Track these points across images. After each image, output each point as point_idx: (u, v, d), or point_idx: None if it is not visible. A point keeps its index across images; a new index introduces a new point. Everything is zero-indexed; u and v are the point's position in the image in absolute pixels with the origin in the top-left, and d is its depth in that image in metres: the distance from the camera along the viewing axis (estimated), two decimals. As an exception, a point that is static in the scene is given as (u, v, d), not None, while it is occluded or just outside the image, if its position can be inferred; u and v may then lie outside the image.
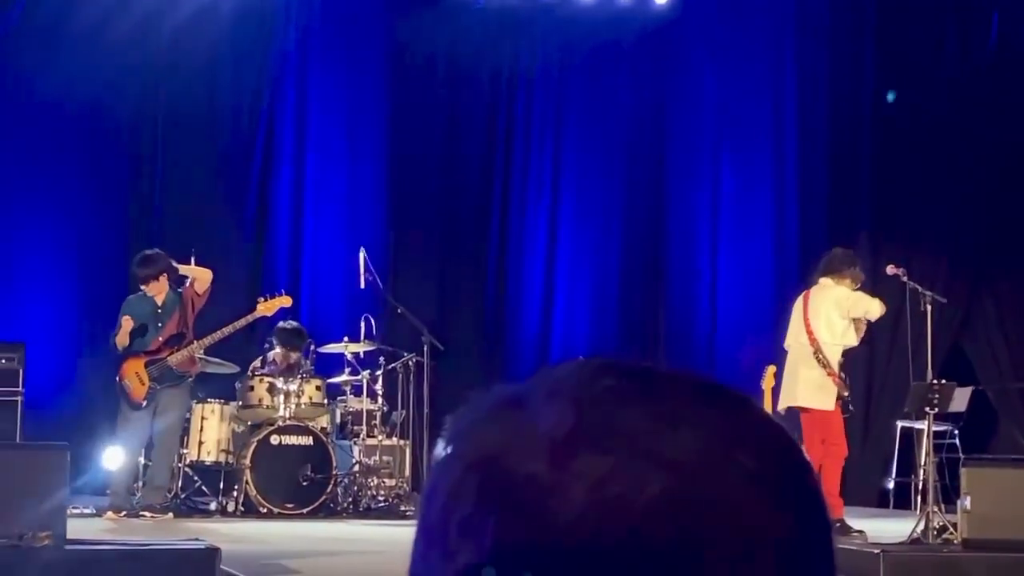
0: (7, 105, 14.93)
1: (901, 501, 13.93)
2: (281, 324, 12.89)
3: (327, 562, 8.93)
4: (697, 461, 0.80)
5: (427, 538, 0.83)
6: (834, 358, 11.21)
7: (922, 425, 10.82)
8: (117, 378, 12.01)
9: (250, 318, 12.43)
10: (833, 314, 11.23)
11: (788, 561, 0.80)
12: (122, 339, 11.96)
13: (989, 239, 15.49)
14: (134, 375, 11.94)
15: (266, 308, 12.49)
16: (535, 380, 0.85)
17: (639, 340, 16.19)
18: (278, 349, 12.83)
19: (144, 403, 11.89)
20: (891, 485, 14.31)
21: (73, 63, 14.68)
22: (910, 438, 12.78)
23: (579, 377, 0.84)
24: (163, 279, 12.04)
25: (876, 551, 8.60)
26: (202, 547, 7.94)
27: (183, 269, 12.20)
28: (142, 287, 12.08)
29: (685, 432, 0.80)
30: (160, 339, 12.04)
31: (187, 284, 12.19)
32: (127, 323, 11.91)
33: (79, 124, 14.91)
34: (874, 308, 11.28)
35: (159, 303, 12.08)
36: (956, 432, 13.68)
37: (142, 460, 12.11)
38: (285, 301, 12.64)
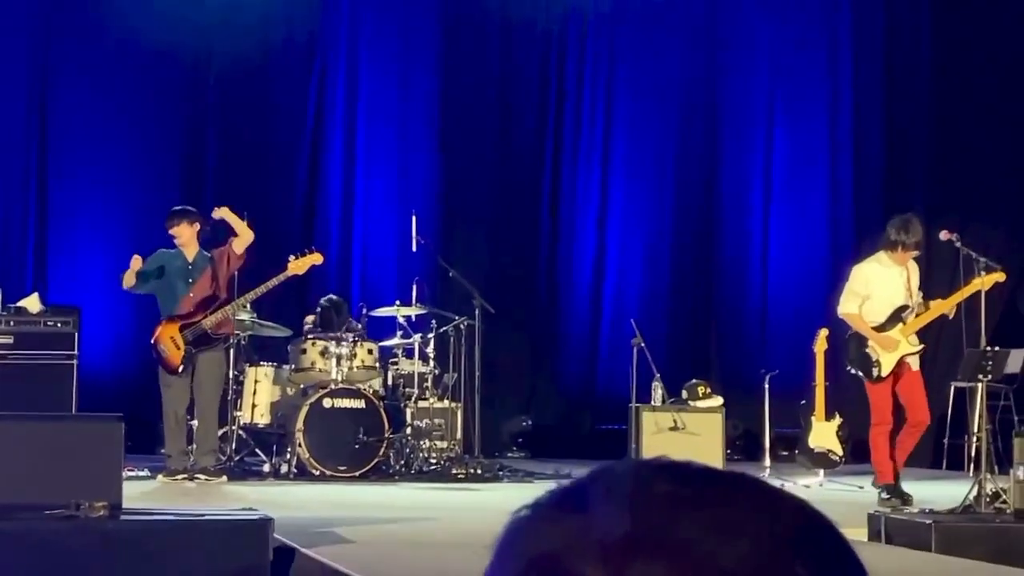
0: (59, 66, 15.00)
1: (954, 462, 13.88)
2: (322, 301, 13.09)
3: (379, 529, 8.97)
4: (753, 571, 0.80)
5: None
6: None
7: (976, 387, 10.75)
8: (152, 343, 12.05)
9: (282, 277, 12.23)
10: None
11: None
12: (128, 279, 11.96)
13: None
14: (169, 340, 11.93)
15: (297, 266, 12.37)
16: (593, 477, 0.85)
17: (690, 302, 16.14)
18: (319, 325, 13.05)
19: (181, 368, 11.89)
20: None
21: (125, 23, 14.71)
22: (963, 399, 12.71)
23: (636, 479, 0.84)
24: (193, 228, 12.03)
25: (928, 521, 8.58)
26: (255, 518, 8.01)
27: (233, 220, 12.12)
28: (170, 232, 12.03)
29: (741, 541, 0.80)
30: (191, 298, 12.07)
31: (226, 244, 12.16)
32: (135, 262, 11.91)
33: (131, 85, 14.97)
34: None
35: (189, 259, 12.06)
36: (1011, 394, 13.58)
37: (194, 423, 12.16)
38: (316, 258, 12.54)
